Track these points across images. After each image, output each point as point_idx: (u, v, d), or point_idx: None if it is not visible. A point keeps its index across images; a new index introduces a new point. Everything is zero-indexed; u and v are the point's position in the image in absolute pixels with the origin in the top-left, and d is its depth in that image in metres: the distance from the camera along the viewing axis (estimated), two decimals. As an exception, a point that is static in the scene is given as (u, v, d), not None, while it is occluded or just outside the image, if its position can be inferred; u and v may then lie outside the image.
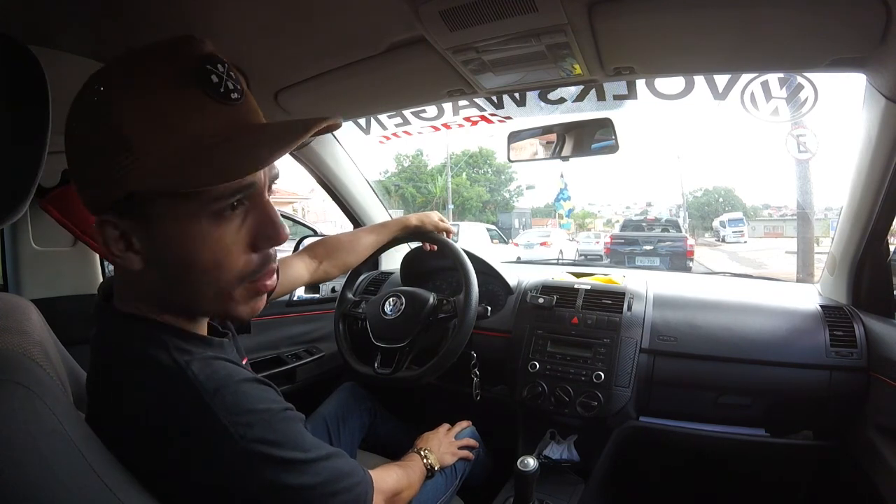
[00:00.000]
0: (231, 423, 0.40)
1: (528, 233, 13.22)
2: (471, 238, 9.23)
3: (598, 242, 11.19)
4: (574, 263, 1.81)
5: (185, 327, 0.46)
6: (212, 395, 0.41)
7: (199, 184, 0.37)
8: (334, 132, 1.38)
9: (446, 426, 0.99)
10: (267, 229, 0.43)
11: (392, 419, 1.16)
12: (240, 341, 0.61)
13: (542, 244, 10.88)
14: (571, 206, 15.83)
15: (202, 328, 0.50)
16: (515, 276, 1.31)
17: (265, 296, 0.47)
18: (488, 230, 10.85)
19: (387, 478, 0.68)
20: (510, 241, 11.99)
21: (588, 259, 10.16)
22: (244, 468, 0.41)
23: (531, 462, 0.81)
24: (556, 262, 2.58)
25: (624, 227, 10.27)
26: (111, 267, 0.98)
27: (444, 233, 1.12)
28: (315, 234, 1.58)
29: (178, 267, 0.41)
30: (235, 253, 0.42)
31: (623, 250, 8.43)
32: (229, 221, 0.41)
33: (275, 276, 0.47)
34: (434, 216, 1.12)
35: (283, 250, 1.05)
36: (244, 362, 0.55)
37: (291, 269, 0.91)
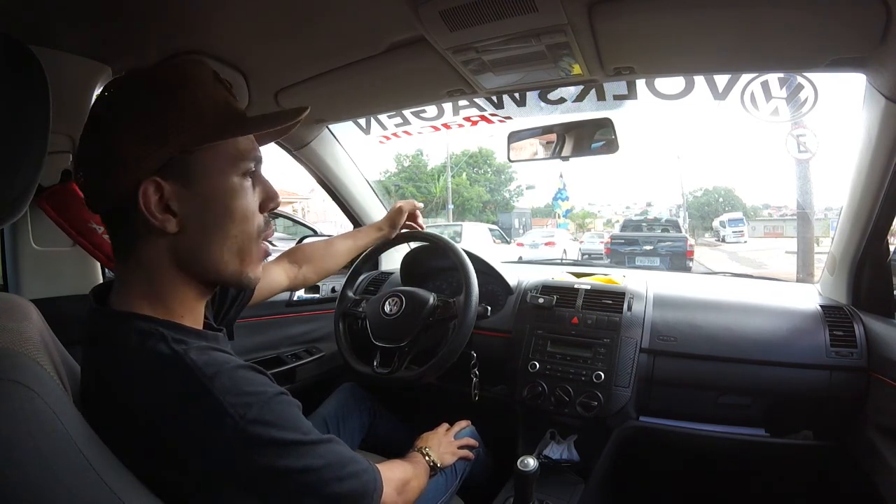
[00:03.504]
0: (230, 404, 0.41)
1: (533, 233, 13.47)
2: (473, 238, 9.41)
3: (601, 242, 11.22)
4: (576, 263, 1.81)
5: (181, 322, 0.48)
6: (210, 379, 0.42)
7: (240, 134, 0.48)
8: (334, 132, 1.38)
9: (445, 426, 0.99)
10: (270, 193, 0.53)
11: (392, 419, 1.16)
12: (232, 344, 0.62)
13: (546, 244, 11.10)
14: (570, 206, 15.89)
15: (198, 323, 0.51)
16: (515, 276, 1.31)
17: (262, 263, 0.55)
18: (490, 230, 11.08)
19: (393, 468, 0.68)
20: (516, 241, 12.25)
21: (591, 258, 10.31)
22: (244, 449, 0.42)
23: (531, 462, 0.81)
24: (559, 261, 2.58)
25: (624, 228, 10.36)
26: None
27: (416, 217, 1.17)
28: (315, 233, 1.58)
29: (216, 219, 0.48)
30: (255, 209, 0.51)
31: (623, 250, 8.47)
32: (249, 184, 0.51)
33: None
34: (405, 209, 1.13)
35: (283, 250, 1.06)
36: None
37: (271, 274, 0.92)
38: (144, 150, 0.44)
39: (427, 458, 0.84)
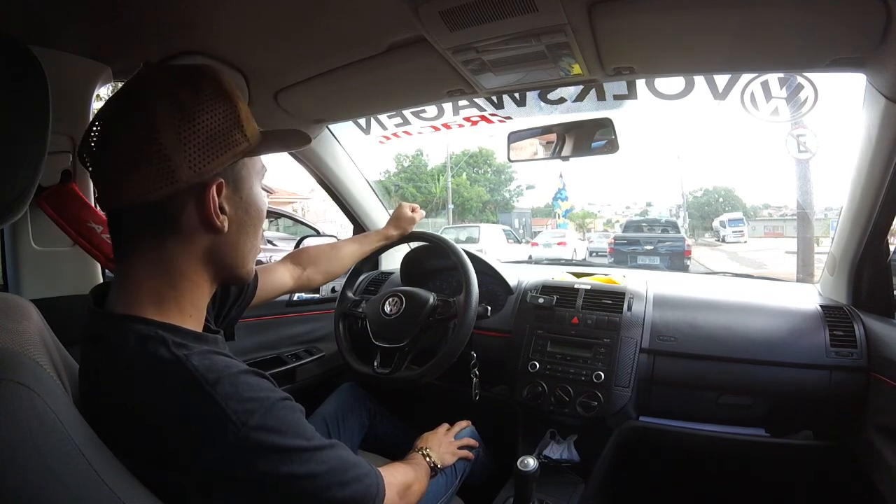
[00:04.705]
0: (232, 410, 0.41)
1: (545, 234, 14.12)
2: (490, 238, 10.25)
3: (608, 242, 11.84)
4: (577, 264, 1.82)
5: (184, 324, 0.48)
6: (212, 385, 0.42)
7: (281, 150, 0.58)
8: (334, 132, 1.38)
9: (446, 426, 0.99)
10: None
11: (392, 419, 1.17)
12: (233, 344, 0.62)
13: (558, 244, 11.75)
14: (570, 205, 15.97)
15: (201, 323, 0.52)
16: (515, 276, 1.31)
17: None
18: (504, 231, 12.10)
19: (395, 472, 0.68)
20: (530, 241, 13.15)
21: (598, 256, 11.13)
22: (246, 455, 0.42)
23: (531, 462, 0.81)
24: (566, 261, 2.61)
25: (626, 228, 10.83)
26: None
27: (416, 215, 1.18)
28: (318, 233, 1.58)
29: (252, 221, 0.53)
30: None
31: (626, 250, 8.86)
32: None
33: None
34: (406, 213, 1.15)
35: (284, 250, 1.05)
36: None
37: (275, 274, 0.92)
38: (213, 152, 0.46)
39: (428, 458, 0.84)
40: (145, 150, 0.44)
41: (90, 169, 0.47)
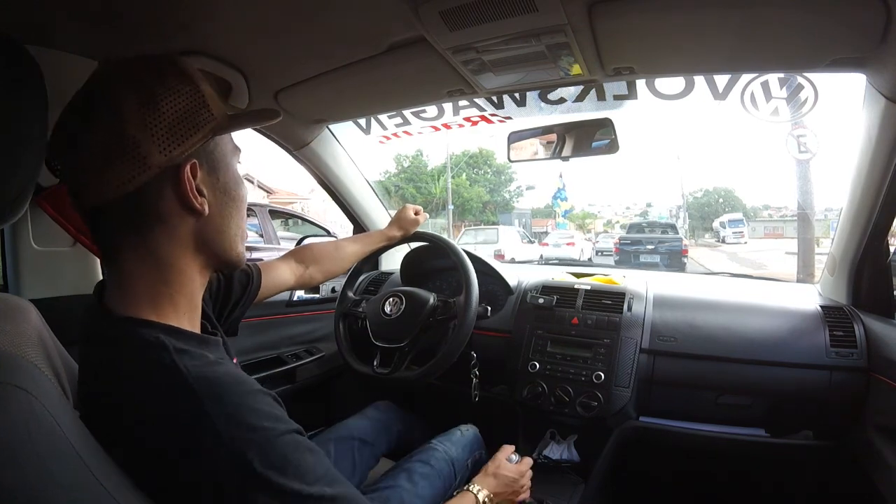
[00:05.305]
0: (229, 436, 0.39)
1: (554, 234, 14.67)
2: (508, 239, 10.89)
3: (613, 242, 12.57)
4: (590, 264, 1.83)
5: (181, 325, 0.47)
6: (212, 404, 0.40)
7: (242, 127, 0.53)
8: (334, 132, 1.38)
9: (509, 450, 0.87)
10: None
11: (423, 431, 1.09)
12: (233, 343, 0.61)
13: (567, 244, 12.36)
14: (569, 206, 16.07)
15: (197, 320, 0.51)
16: (515, 276, 1.31)
17: None
18: (519, 232, 12.93)
19: None
20: (541, 241, 13.95)
21: (605, 255, 11.97)
22: (237, 484, 0.40)
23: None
24: (575, 262, 2.63)
25: (629, 230, 11.72)
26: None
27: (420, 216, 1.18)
28: (328, 234, 1.58)
29: (235, 200, 0.52)
30: None
31: (629, 249, 9.78)
32: None
33: None
34: (409, 215, 1.15)
35: (285, 249, 1.05)
36: (234, 362, 0.55)
37: (277, 272, 0.91)
38: (181, 133, 0.45)
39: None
40: (116, 144, 0.43)
41: (60, 172, 0.45)
